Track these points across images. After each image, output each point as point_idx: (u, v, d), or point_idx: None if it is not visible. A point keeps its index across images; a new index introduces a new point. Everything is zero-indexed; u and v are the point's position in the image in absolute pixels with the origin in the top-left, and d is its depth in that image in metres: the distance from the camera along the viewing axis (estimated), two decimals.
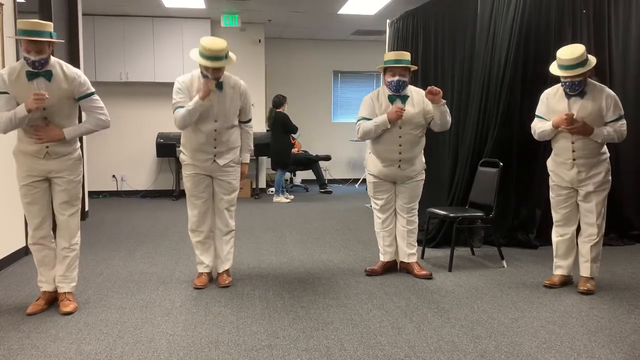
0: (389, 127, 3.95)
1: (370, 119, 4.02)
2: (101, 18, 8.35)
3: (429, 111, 3.99)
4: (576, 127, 3.59)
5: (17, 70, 3.16)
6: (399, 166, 4.05)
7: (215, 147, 3.79)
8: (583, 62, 3.54)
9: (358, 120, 4.10)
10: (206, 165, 3.81)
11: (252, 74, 9.00)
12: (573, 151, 3.69)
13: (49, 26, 3.15)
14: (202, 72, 3.67)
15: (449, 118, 4.02)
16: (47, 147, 3.22)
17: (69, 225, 3.38)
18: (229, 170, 3.86)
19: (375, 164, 4.13)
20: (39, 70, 3.14)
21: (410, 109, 3.98)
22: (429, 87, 3.87)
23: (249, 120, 3.98)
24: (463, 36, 5.55)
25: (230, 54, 3.71)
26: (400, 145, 4.01)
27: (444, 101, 3.91)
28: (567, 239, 3.86)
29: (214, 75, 3.62)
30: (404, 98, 4.00)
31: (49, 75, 3.17)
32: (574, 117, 3.60)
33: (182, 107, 3.64)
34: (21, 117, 3.07)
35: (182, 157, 3.91)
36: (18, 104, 3.12)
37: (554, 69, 3.68)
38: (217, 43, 3.60)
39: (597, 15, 5.15)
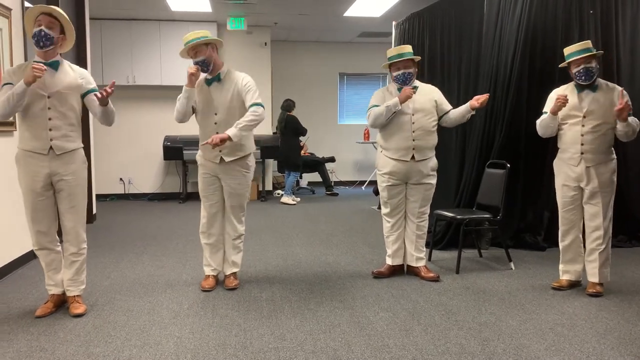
0: (399, 108, 3.97)
1: None
2: (108, 22, 8.41)
3: (440, 103, 4.08)
4: (625, 108, 3.42)
5: (24, 64, 3.31)
6: (413, 156, 4.01)
7: None
8: (591, 50, 3.62)
9: (369, 109, 4.10)
10: (214, 164, 3.83)
11: (258, 77, 9.02)
12: (582, 144, 3.64)
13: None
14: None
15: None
16: (51, 140, 3.23)
17: (77, 231, 3.38)
18: (236, 175, 3.84)
19: (387, 160, 4.09)
20: (46, 60, 3.25)
21: (420, 97, 4.04)
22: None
23: (254, 105, 3.67)
24: (469, 37, 5.54)
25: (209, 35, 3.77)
26: (413, 132, 4.01)
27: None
28: (574, 244, 3.83)
29: (195, 58, 3.70)
30: (414, 89, 4.03)
31: (56, 65, 3.30)
32: (585, 110, 3.61)
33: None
34: (19, 92, 3.09)
35: (197, 157, 3.98)
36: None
37: (564, 63, 3.74)
38: (193, 33, 3.72)
39: (605, 14, 5.12)
